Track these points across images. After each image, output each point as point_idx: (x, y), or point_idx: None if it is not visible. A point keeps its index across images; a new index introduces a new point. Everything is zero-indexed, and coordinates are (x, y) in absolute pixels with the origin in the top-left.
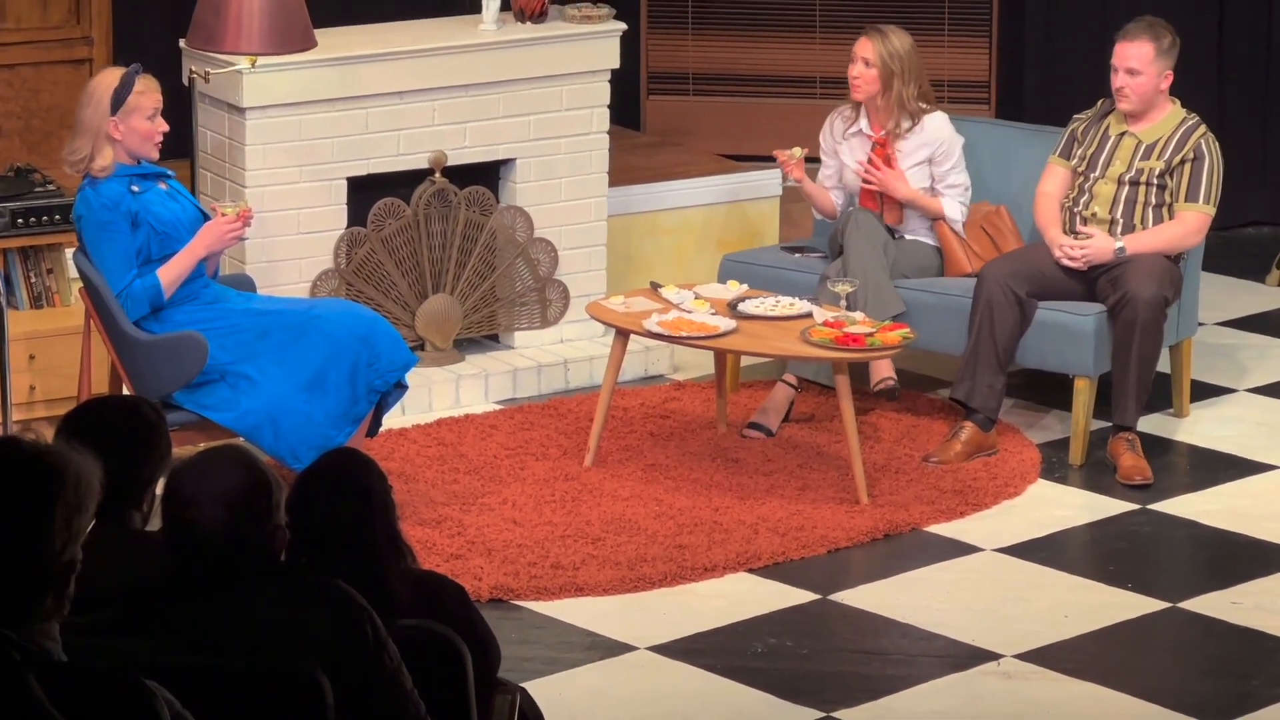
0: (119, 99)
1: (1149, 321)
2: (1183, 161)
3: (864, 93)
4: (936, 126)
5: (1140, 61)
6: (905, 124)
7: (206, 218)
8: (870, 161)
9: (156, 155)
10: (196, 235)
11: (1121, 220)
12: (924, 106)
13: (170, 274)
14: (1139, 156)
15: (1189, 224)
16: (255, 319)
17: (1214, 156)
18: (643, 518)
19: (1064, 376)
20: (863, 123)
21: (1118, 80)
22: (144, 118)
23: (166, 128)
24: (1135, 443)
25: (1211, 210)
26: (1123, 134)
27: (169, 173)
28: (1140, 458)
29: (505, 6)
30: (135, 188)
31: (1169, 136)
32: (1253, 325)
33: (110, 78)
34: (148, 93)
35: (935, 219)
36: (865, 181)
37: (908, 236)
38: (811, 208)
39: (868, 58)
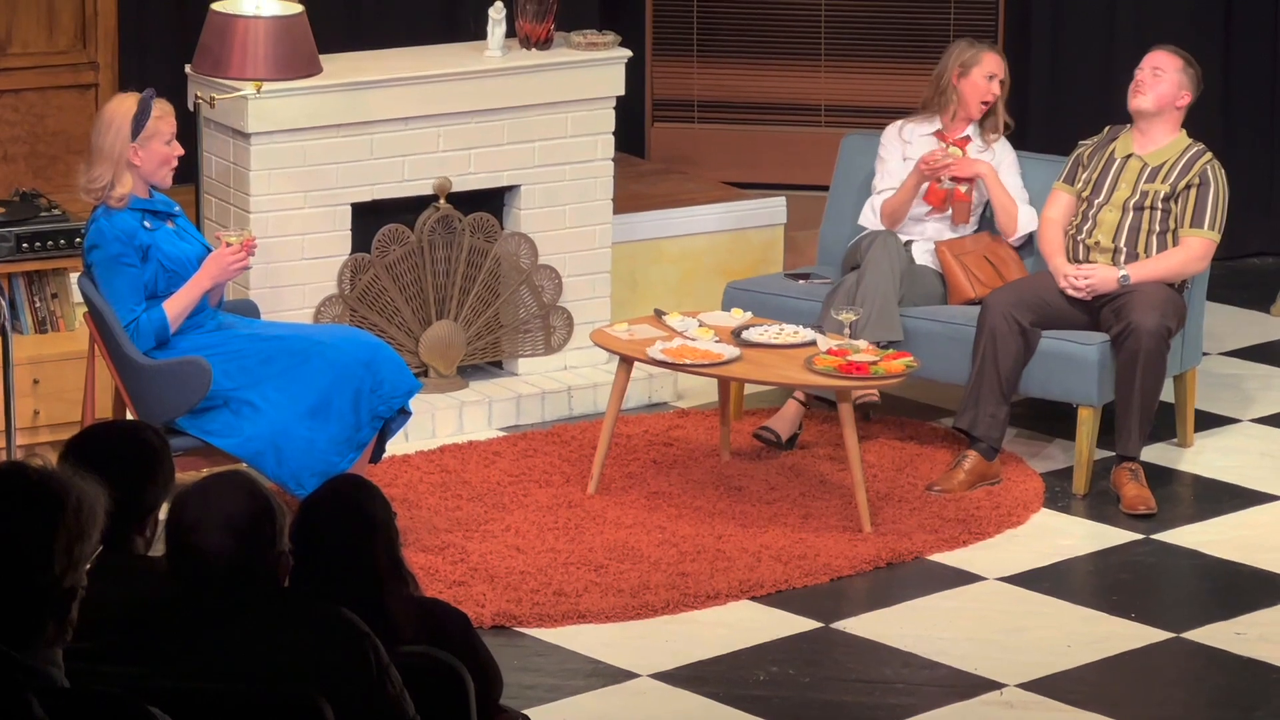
0: (139, 125)
1: (1152, 352)
2: (1188, 186)
3: (993, 108)
4: (1003, 142)
5: (1166, 66)
6: (992, 135)
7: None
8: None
9: (170, 180)
10: (201, 267)
11: (1125, 249)
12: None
13: (176, 307)
14: (1144, 179)
15: (1193, 250)
16: (259, 345)
17: (1220, 183)
18: (645, 545)
19: (1067, 406)
20: (937, 124)
21: (1139, 77)
22: (163, 142)
23: (182, 151)
24: (1138, 472)
25: (1216, 236)
26: (1128, 156)
27: (177, 210)
28: (1144, 487)
29: (511, 33)
30: (147, 224)
31: (1174, 160)
32: (1257, 355)
33: (126, 104)
34: (165, 117)
35: (1006, 214)
36: (942, 170)
37: (918, 260)
38: (869, 211)
39: (1005, 77)
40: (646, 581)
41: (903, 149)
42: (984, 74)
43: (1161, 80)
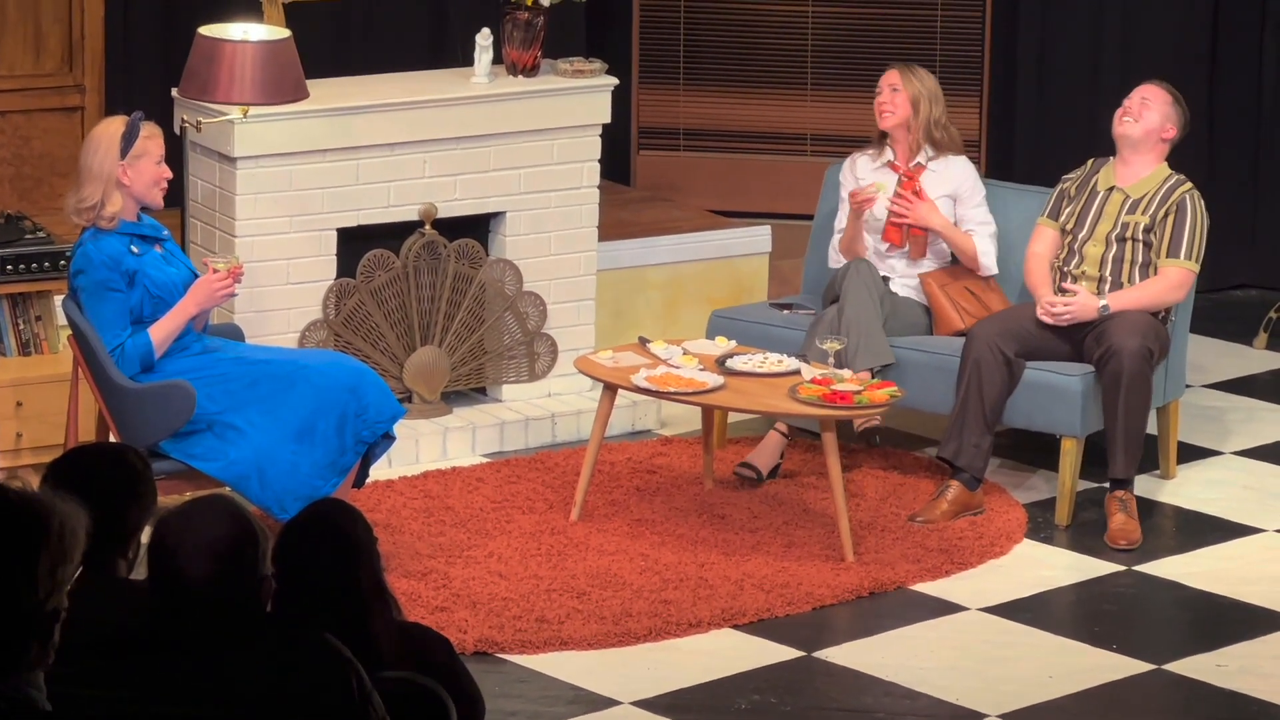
0: (127, 144)
1: (1135, 374)
2: (1166, 215)
3: (893, 119)
4: (961, 165)
5: (1154, 97)
6: (930, 153)
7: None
8: (899, 195)
9: (162, 201)
10: (188, 293)
11: (1109, 279)
12: (950, 138)
13: (161, 332)
14: (1125, 210)
15: (1171, 279)
16: (244, 369)
17: (1198, 213)
18: (628, 572)
19: (1051, 437)
20: (889, 155)
21: (1127, 104)
22: (152, 162)
23: (171, 174)
24: (1128, 503)
25: (1194, 266)
26: (1111, 189)
27: (164, 234)
28: (1131, 519)
29: (497, 60)
30: (135, 249)
31: (1154, 192)
32: (1240, 388)
33: (115, 125)
34: (154, 137)
35: (966, 257)
36: (895, 214)
37: (900, 293)
38: (833, 252)
39: (894, 84)
40: (629, 609)
41: (855, 184)
42: (879, 91)
43: (1149, 109)
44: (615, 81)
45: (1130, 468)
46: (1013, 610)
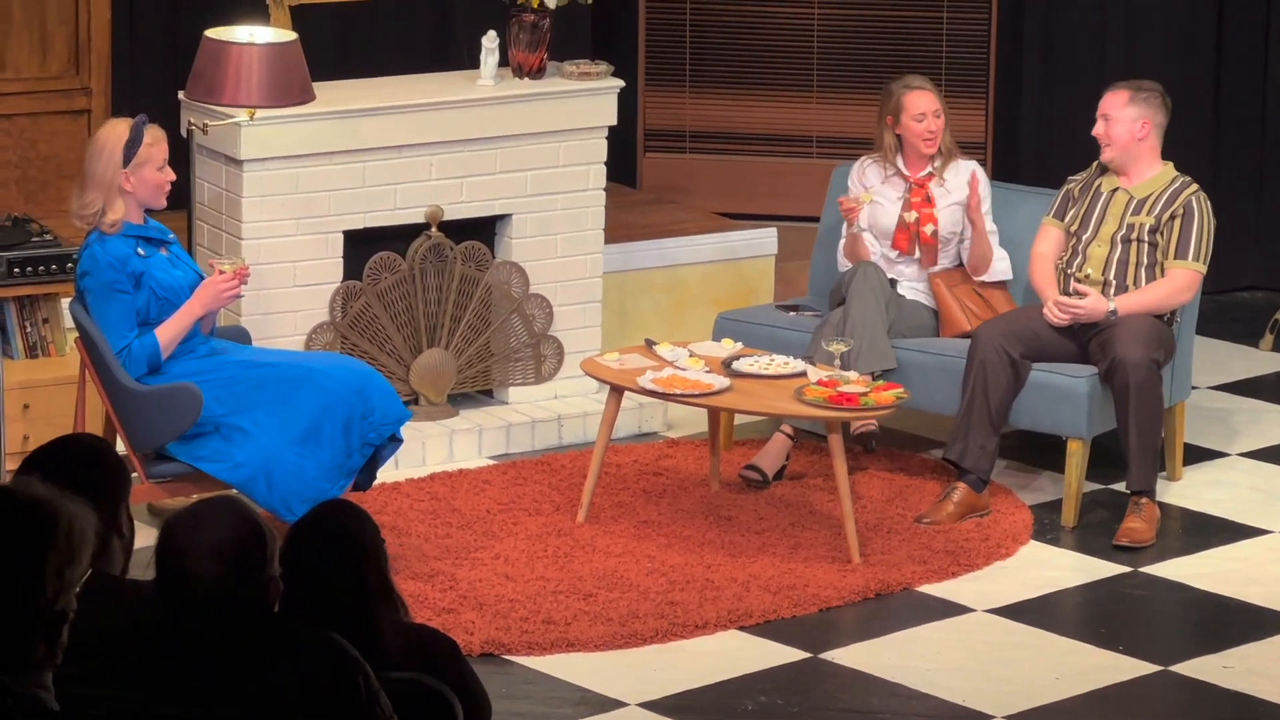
0: (130, 151)
1: (1142, 384)
2: (1172, 218)
3: (939, 142)
4: (975, 170)
5: (1113, 107)
6: (938, 161)
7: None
8: (910, 204)
9: (165, 203)
10: (194, 294)
11: (1115, 281)
12: (952, 142)
13: (168, 334)
14: (1130, 212)
15: (1178, 281)
16: (250, 371)
17: (1204, 214)
18: (635, 574)
19: (1057, 438)
20: (899, 164)
21: (1095, 132)
22: (155, 168)
23: (174, 176)
24: (1142, 506)
25: (1201, 268)
26: (1115, 190)
27: (170, 237)
28: (1142, 521)
29: (504, 62)
30: (141, 251)
31: (1160, 193)
32: (1246, 390)
33: (118, 130)
34: (157, 143)
35: (984, 262)
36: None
37: (907, 296)
38: (839, 256)
39: (937, 109)
40: (635, 610)
41: (863, 189)
42: (912, 118)
43: (1114, 123)
44: (621, 84)
45: (1143, 479)
46: (1019, 612)
